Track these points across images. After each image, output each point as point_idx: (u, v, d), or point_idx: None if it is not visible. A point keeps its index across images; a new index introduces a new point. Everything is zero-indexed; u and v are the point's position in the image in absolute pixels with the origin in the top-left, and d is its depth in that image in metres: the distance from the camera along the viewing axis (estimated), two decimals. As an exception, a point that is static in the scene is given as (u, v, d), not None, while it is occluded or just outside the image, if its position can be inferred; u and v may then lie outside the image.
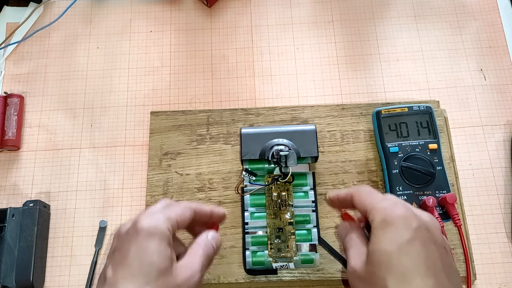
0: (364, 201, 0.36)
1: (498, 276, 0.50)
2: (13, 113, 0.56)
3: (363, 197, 0.36)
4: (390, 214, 0.33)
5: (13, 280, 0.48)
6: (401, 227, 0.33)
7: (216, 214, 0.40)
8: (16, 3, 0.64)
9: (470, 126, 0.56)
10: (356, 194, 0.37)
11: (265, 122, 0.55)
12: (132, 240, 0.34)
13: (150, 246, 0.33)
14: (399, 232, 0.32)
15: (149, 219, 0.35)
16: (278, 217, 0.48)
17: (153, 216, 0.35)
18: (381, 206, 0.34)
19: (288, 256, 0.47)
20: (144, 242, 0.33)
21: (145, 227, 0.34)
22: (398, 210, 0.34)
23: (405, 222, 0.33)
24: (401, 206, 0.34)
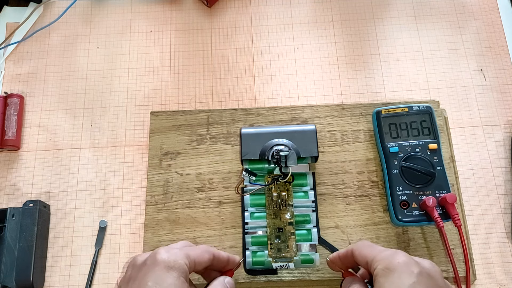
0: (365, 253, 0.37)
1: (498, 276, 0.50)
2: (13, 113, 0.56)
3: (363, 250, 0.38)
4: (392, 261, 0.35)
5: (13, 280, 0.48)
6: (404, 273, 0.34)
7: (232, 261, 0.41)
8: (16, 3, 0.64)
9: (470, 126, 0.56)
10: (356, 248, 0.39)
11: (265, 122, 0.55)
12: (150, 271, 0.35)
13: (168, 278, 0.34)
14: (402, 277, 0.34)
15: (168, 253, 0.35)
16: (278, 217, 0.48)
17: (172, 251, 0.36)
18: (383, 255, 0.36)
19: (288, 256, 0.47)
20: (162, 274, 0.34)
21: (165, 259, 0.35)
22: (399, 258, 0.35)
23: (407, 269, 0.34)
24: (402, 255, 0.35)
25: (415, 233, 0.50)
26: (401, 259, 0.35)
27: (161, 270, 0.34)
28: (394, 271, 0.34)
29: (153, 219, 0.51)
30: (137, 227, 0.53)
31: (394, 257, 0.35)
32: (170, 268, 0.34)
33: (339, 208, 0.51)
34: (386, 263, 0.35)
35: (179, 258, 0.35)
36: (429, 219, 0.47)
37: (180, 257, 0.36)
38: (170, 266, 0.35)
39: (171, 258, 0.35)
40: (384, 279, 0.34)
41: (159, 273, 0.34)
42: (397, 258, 0.35)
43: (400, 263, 0.35)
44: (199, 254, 0.38)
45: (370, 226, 0.50)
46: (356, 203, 0.51)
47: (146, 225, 0.51)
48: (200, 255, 0.38)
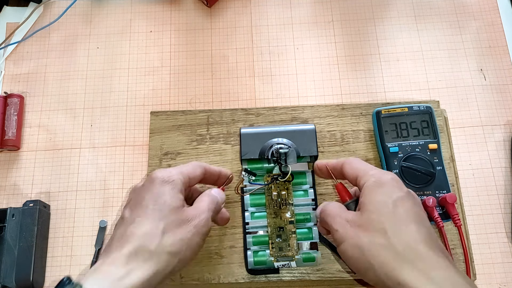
0: (356, 168, 0.40)
1: (498, 276, 0.50)
2: (13, 113, 0.56)
3: (355, 164, 0.41)
4: (383, 176, 0.38)
5: (13, 280, 0.48)
6: (395, 187, 0.38)
7: (224, 174, 0.46)
8: (16, 3, 0.64)
9: (470, 126, 0.56)
10: (347, 162, 0.42)
11: (265, 122, 0.55)
12: (147, 188, 0.39)
13: (163, 190, 0.39)
14: (394, 190, 0.37)
15: (162, 171, 0.40)
16: (278, 216, 0.48)
17: (166, 169, 0.40)
18: (374, 172, 0.39)
19: (290, 255, 0.47)
20: (158, 188, 0.39)
21: (159, 176, 0.39)
22: (390, 175, 0.39)
23: (398, 184, 0.38)
24: (391, 174, 0.39)
25: (415, 233, 0.50)
26: (392, 176, 0.38)
27: (157, 185, 0.39)
28: (386, 184, 0.38)
29: (153, 219, 0.51)
30: (137, 227, 0.53)
31: (385, 175, 0.39)
32: (165, 182, 0.39)
33: (339, 208, 0.51)
34: (378, 177, 0.38)
35: (172, 175, 0.40)
36: (429, 219, 0.47)
37: (174, 173, 0.40)
38: (164, 180, 0.39)
39: (165, 174, 0.39)
40: (376, 189, 0.37)
41: (156, 188, 0.39)
42: (388, 175, 0.38)
43: (391, 179, 0.38)
44: (191, 168, 0.42)
45: (370, 226, 0.50)
46: (356, 203, 0.51)
47: (146, 225, 0.51)
48: (192, 170, 0.42)
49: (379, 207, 0.36)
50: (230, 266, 0.49)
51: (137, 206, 0.38)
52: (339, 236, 0.37)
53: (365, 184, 0.38)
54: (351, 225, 0.37)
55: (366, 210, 0.37)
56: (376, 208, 0.36)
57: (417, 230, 0.35)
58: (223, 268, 0.49)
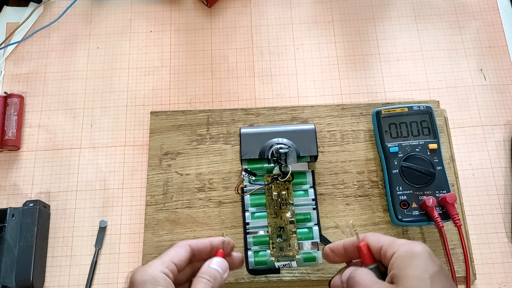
0: (381, 239, 0.38)
1: (498, 276, 0.50)
2: (13, 113, 0.56)
3: (378, 236, 0.38)
4: (414, 247, 0.35)
5: (13, 280, 0.48)
6: (429, 260, 0.35)
7: (216, 244, 0.40)
8: (16, 3, 0.64)
9: (470, 126, 0.56)
10: (370, 235, 0.39)
11: (265, 122, 0.55)
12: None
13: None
14: (428, 263, 0.35)
15: (141, 271, 0.36)
16: (279, 216, 0.48)
17: (145, 267, 0.36)
18: (401, 242, 0.36)
19: (290, 255, 0.47)
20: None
21: (138, 279, 0.35)
22: (420, 245, 0.36)
23: (430, 257, 0.35)
24: (421, 244, 0.36)
25: (415, 233, 0.50)
26: (424, 247, 0.36)
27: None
28: (419, 256, 0.35)
29: (153, 219, 0.51)
30: (137, 227, 0.53)
31: (416, 244, 0.36)
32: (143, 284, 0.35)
33: (339, 208, 0.51)
34: (409, 247, 0.35)
35: (152, 270, 0.36)
36: (429, 219, 0.47)
37: (153, 268, 0.36)
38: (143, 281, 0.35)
39: (143, 274, 0.35)
40: (407, 262, 0.35)
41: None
42: (419, 245, 0.36)
43: (424, 250, 0.36)
44: (174, 253, 0.38)
45: (370, 226, 0.50)
46: (356, 203, 0.51)
47: (146, 225, 0.51)
48: (175, 254, 0.38)
49: (415, 283, 0.34)
50: (230, 266, 0.49)
51: None
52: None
53: (394, 254, 0.36)
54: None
55: (401, 285, 0.34)
56: (412, 284, 0.34)
57: None
58: (223, 268, 0.49)
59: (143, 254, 0.50)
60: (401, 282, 0.34)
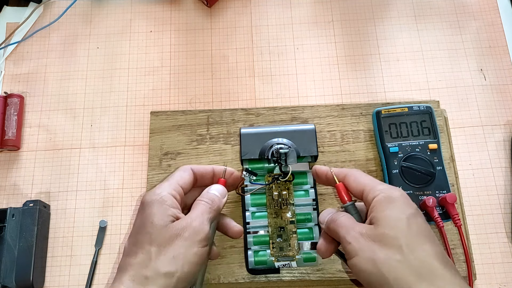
0: (362, 182, 0.40)
1: (498, 276, 0.50)
2: (13, 113, 0.56)
3: (359, 178, 0.41)
4: (393, 192, 0.38)
5: (13, 280, 0.48)
6: (406, 204, 0.38)
7: (218, 171, 0.45)
8: (16, 3, 0.64)
9: (470, 126, 0.56)
10: (351, 174, 0.42)
11: (265, 122, 0.55)
12: (138, 214, 0.40)
13: (150, 212, 0.39)
14: (405, 206, 0.37)
15: (150, 192, 0.40)
16: (279, 216, 0.48)
17: (153, 189, 0.41)
18: (382, 187, 0.39)
19: (290, 255, 0.47)
20: (146, 211, 0.39)
21: (146, 199, 0.40)
22: (399, 191, 0.39)
23: (408, 201, 0.38)
24: (400, 190, 0.39)
25: (415, 233, 0.50)
26: (402, 193, 0.39)
27: (145, 209, 0.39)
28: (397, 200, 0.38)
29: (153, 219, 0.51)
30: (137, 227, 0.53)
31: (395, 190, 0.39)
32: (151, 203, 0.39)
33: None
34: (388, 193, 0.38)
35: (159, 191, 0.40)
36: (429, 219, 0.47)
37: (160, 190, 0.40)
38: (151, 201, 0.39)
39: (151, 194, 0.40)
40: (388, 205, 0.37)
41: (144, 212, 0.39)
42: (397, 191, 0.39)
43: (402, 195, 0.38)
44: (178, 176, 0.42)
45: (370, 226, 0.50)
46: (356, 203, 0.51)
47: (146, 225, 0.51)
48: (179, 177, 0.42)
49: (394, 223, 0.36)
50: (230, 266, 0.49)
51: (132, 235, 0.40)
52: (352, 249, 0.37)
53: (375, 198, 0.38)
54: (365, 239, 0.37)
55: (380, 225, 0.37)
56: (391, 224, 0.36)
57: (431, 248, 0.35)
58: (223, 268, 0.49)
59: (143, 254, 0.50)
60: (379, 222, 0.37)
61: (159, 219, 0.38)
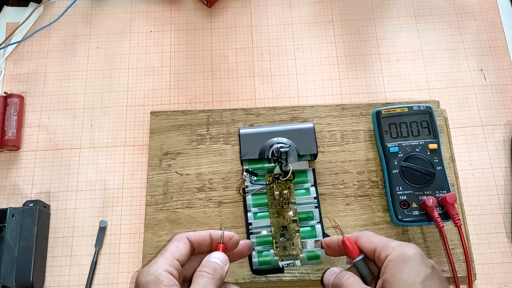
0: (374, 240, 0.38)
1: (498, 276, 0.50)
2: (13, 113, 0.56)
3: (371, 237, 0.39)
4: (407, 250, 0.36)
5: (13, 280, 0.48)
6: (421, 264, 0.35)
7: (216, 237, 0.40)
8: (16, 3, 0.64)
9: (470, 126, 0.56)
10: (363, 235, 0.39)
11: (265, 122, 0.55)
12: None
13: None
14: (420, 267, 0.35)
15: (144, 272, 0.36)
16: (281, 216, 0.48)
17: (149, 266, 0.36)
18: (395, 244, 0.37)
19: (294, 254, 0.47)
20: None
21: (141, 281, 0.36)
22: (413, 248, 0.36)
23: (423, 260, 0.36)
24: (413, 246, 0.37)
25: (415, 233, 0.50)
26: (415, 250, 0.36)
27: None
28: (412, 260, 0.35)
29: (153, 219, 0.51)
30: (137, 227, 0.53)
31: (409, 247, 0.36)
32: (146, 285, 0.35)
33: (339, 208, 0.51)
34: (401, 251, 0.36)
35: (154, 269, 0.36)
36: (429, 219, 0.47)
37: (156, 267, 0.36)
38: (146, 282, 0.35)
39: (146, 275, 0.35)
40: (399, 266, 0.35)
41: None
42: (411, 248, 0.36)
43: (416, 253, 0.36)
44: (174, 247, 0.38)
45: (370, 226, 0.50)
46: (356, 203, 0.51)
47: (146, 225, 0.51)
48: (175, 248, 0.38)
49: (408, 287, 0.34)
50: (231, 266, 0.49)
51: None
52: None
53: (387, 257, 0.36)
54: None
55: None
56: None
57: None
58: (223, 268, 0.49)
59: (143, 254, 0.50)
60: (393, 286, 0.34)
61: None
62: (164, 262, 0.36)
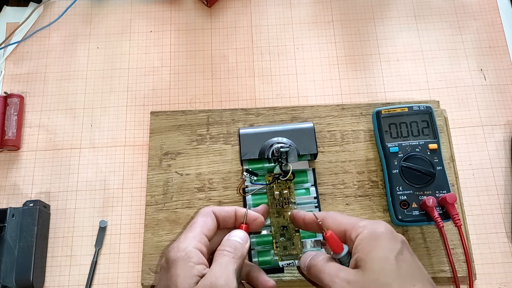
0: (342, 221, 0.38)
1: (498, 276, 0.50)
2: (13, 113, 0.56)
3: (338, 218, 0.39)
4: (377, 228, 0.36)
5: (13, 280, 0.48)
6: (391, 239, 0.35)
7: (239, 216, 0.41)
8: (16, 3, 0.64)
9: (470, 126, 0.56)
10: (329, 216, 0.39)
11: (265, 122, 0.55)
12: (163, 274, 0.37)
13: (174, 272, 0.35)
14: (391, 242, 0.35)
15: (174, 248, 0.37)
16: (281, 216, 0.48)
17: (179, 242, 0.37)
18: (364, 223, 0.37)
19: (294, 254, 0.47)
20: (171, 271, 0.36)
21: (171, 256, 0.36)
22: (383, 225, 0.36)
23: (393, 236, 0.36)
24: (382, 223, 0.37)
25: (415, 233, 0.50)
26: (386, 226, 0.36)
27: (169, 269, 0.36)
28: (382, 237, 0.35)
29: (153, 219, 0.51)
30: (137, 227, 0.53)
31: (378, 224, 0.36)
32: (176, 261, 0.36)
33: (339, 208, 0.51)
34: (372, 229, 0.36)
35: (184, 245, 0.36)
36: (429, 219, 0.47)
37: (185, 244, 0.36)
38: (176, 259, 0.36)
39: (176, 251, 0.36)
40: (374, 243, 0.35)
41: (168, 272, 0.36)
42: (381, 225, 0.36)
43: (386, 229, 0.36)
44: (202, 223, 0.39)
45: (370, 226, 0.50)
46: (356, 203, 0.51)
47: (146, 225, 0.51)
48: (203, 223, 0.39)
49: (382, 265, 0.34)
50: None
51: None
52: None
53: (358, 237, 0.36)
54: (354, 285, 0.34)
55: (367, 269, 0.34)
56: (378, 266, 0.34)
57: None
58: (223, 268, 0.49)
59: (143, 254, 0.50)
60: (367, 266, 0.34)
61: (183, 281, 0.35)
62: (194, 238, 0.37)
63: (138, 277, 0.50)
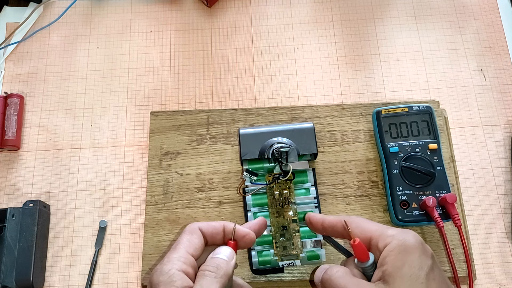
0: (368, 228, 0.36)
1: (498, 276, 0.50)
2: (13, 113, 0.56)
3: (363, 224, 0.36)
4: (407, 239, 0.33)
5: (13, 280, 0.48)
6: (422, 255, 0.33)
7: (228, 229, 0.38)
8: (16, 3, 0.64)
9: (470, 126, 0.56)
10: (352, 221, 0.37)
11: (265, 122, 0.55)
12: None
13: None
14: (422, 259, 0.33)
15: (158, 269, 0.34)
16: (281, 216, 0.48)
17: (162, 264, 0.35)
18: (392, 232, 0.34)
19: (294, 254, 0.47)
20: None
21: (154, 280, 0.34)
22: (413, 237, 0.34)
23: (424, 250, 0.33)
24: (411, 233, 0.34)
25: (415, 233, 0.50)
26: (417, 238, 0.34)
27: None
28: (410, 251, 0.33)
29: (153, 219, 0.51)
30: (137, 227, 0.53)
31: (408, 235, 0.34)
32: (160, 285, 0.33)
33: (339, 208, 0.51)
34: (401, 240, 0.33)
35: (168, 268, 0.34)
36: (429, 219, 0.47)
37: (169, 266, 0.34)
38: (159, 283, 0.33)
39: (160, 275, 0.34)
40: (400, 257, 0.33)
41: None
42: (411, 236, 0.34)
43: (417, 241, 0.34)
44: (187, 242, 0.36)
45: (370, 226, 0.50)
46: (356, 203, 0.51)
47: (146, 225, 0.51)
48: (188, 243, 0.36)
49: (411, 284, 0.32)
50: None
51: None
52: None
53: (386, 247, 0.34)
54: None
55: (394, 286, 0.32)
56: (408, 285, 0.32)
57: None
58: (223, 268, 0.49)
59: (143, 254, 0.50)
60: (396, 283, 0.32)
61: None
62: (178, 260, 0.35)
63: (138, 277, 0.50)
